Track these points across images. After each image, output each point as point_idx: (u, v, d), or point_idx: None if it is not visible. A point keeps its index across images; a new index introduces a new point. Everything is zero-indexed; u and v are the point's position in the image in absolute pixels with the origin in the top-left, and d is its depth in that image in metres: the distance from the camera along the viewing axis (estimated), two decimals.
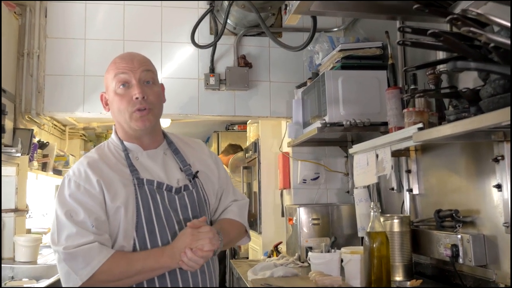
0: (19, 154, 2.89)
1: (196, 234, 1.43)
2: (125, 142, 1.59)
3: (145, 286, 1.46)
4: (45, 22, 3.09)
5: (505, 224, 1.66)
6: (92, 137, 5.99)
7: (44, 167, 3.99)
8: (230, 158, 4.75)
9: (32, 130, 3.13)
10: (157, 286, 1.46)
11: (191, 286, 1.50)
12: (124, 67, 1.53)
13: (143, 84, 1.53)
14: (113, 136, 1.62)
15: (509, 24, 1.08)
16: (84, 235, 1.40)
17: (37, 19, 3.07)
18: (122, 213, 1.45)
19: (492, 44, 1.06)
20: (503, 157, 1.67)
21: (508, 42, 1.08)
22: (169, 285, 1.47)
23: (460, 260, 1.85)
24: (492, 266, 1.78)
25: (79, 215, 1.42)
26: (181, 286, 1.48)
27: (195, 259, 1.41)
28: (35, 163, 3.63)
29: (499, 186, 1.71)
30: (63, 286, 1.42)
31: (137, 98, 1.50)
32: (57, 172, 4.41)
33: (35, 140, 3.53)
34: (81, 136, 5.55)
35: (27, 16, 3.06)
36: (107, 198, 1.46)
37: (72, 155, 4.91)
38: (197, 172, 1.61)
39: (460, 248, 1.84)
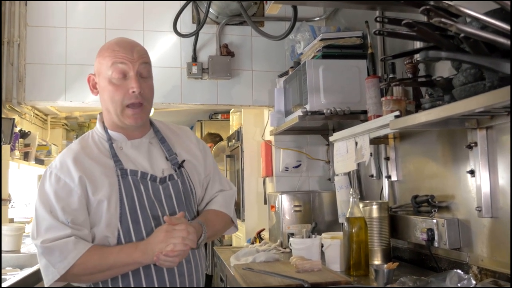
0: (0, 143, 2.88)
1: (170, 231, 1.40)
2: (109, 131, 1.56)
3: (130, 275, 1.46)
4: (25, 10, 3.05)
5: (477, 209, 1.72)
6: (75, 126, 5.94)
7: (26, 156, 3.97)
8: (209, 147, 4.77)
9: (14, 119, 3.11)
10: (142, 275, 1.47)
11: (177, 275, 1.50)
12: (123, 57, 1.48)
13: (140, 78, 1.51)
14: (97, 125, 1.60)
15: (479, 15, 1.12)
16: (61, 228, 1.41)
17: (17, 7, 3.03)
18: (105, 205, 1.44)
19: (462, 34, 1.10)
20: (476, 143, 1.72)
21: (482, 33, 1.12)
22: (153, 273, 1.47)
23: (436, 244, 1.91)
24: (465, 249, 1.84)
25: (56, 210, 1.43)
26: (166, 274, 1.48)
27: (169, 259, 1.39)
28: (17, 153, 3.61)
29: (472, 172, 1.76)
30: (44, 278, 1.44)
31: (133, 91, 1.47)
32: (39, 161, 4.38)
33: (17, 130, 3.50)
34: (63, 125, 5.51)
35: (7, 4, 3.02)
36: (89, 191, 1.45)
37: (54, 144, 4.87)
38: (183, 161, 1.60)
39: (436, 232, 1.90)
